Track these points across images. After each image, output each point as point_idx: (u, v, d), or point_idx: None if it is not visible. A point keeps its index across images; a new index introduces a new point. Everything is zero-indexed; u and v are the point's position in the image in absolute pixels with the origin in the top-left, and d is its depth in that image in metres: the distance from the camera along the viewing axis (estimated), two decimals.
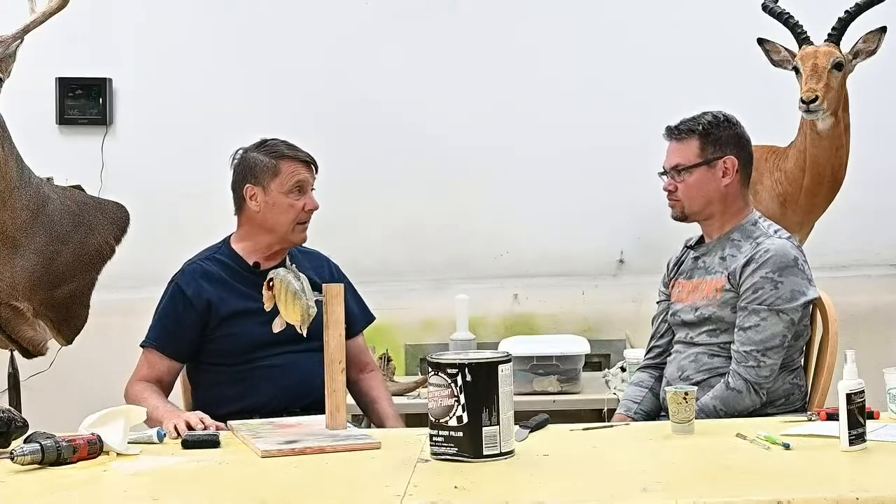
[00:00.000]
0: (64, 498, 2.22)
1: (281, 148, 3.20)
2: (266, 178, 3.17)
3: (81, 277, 3.62)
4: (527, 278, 4.85)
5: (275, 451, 2.51)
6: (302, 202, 3.17)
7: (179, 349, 3.16)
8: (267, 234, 3.20)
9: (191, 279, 3.18)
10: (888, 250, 4.87)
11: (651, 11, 4.84)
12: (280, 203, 3.16)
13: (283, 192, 3.16)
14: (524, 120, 4.84)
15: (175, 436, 2.72)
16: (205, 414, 2.84)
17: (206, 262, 3.22)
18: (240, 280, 3.17)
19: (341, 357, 2.75)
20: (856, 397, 2.36)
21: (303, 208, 3.17)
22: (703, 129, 3.15)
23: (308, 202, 3.18)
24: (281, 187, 3.16)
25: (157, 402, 3.00)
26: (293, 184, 3.16)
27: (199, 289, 3.16)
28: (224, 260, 3.22)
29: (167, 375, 3.16)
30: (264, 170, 3.17)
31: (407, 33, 4.87)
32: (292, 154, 3.18)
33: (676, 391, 2.63)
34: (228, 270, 3.19)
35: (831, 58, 3.86)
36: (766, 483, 2.14)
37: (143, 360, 3.18)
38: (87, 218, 3.66)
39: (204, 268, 3.20)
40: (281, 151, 3.19)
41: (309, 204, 3.18)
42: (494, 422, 2.35)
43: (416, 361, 4.69)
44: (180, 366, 3.20)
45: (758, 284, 3.02)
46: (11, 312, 3.56)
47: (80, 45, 4.80)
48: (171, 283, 3.22)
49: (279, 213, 3.17)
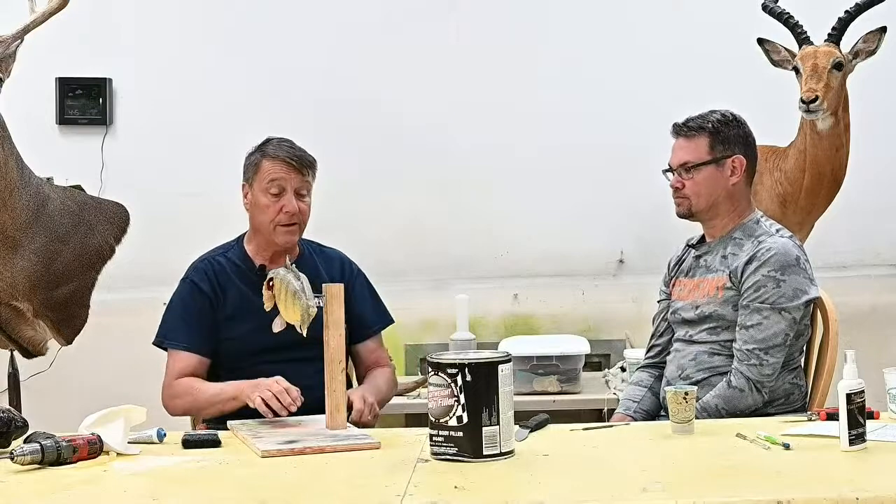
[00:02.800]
0: (64, 498, 2.22)
1: (270, 147, 3.17)
2: (251, 176, 3.17)
3: (81, 277, 3.61)
4: (527, 278, 4.85)
5: (274, 451, 2.51)
6: (279, 203, 3.11)
7: (206, 345, 3.12)
8: (260, 235, 3.19)
9: (203, 275, 3.18)
10: (888, 250, 4.87)
11: (651, 12, 4.84)
12: (259, 202, 3.14)
13: (261, 191, 3.14)
14: (524, 120, 4.84)
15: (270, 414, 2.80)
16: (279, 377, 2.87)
17: (216, 260, 3.21)
18: (245, 281, 3.16)
19: (341, 357, 2.75)
20: (856, 397, 2.36)
21: (280, 209, 3.11)
22: (712, 127, 3.16)
23: (286, 204, 3.11)
24: (260, 185, 3.14)
25: (213, 386, 3.02)
26: (268, 181, 3.12)
27: (211, 284, 3.16)
28: (234, 259, 3.21)
29: (200, 374, 3.11)
30: (250, 168, 3.18)
31: (407, 33, 4.87)
32: (275, 154, 3.14)
33: (676, 391, 2.63)
34: (236, 270, 3.18)
35: (831, 58, 3.86)
36: (766, 483, 2.14)
37: (173, 361, 3.13)
38: (87, 218, 3.66)
39: (214, 265, 3.20)
40: (267, 150, 3.16)
41: (287, 206, 3.10)
42: (494, 422, 2.35)
43: (416, 361, 4.70)
44: (208, 363, 3.14)
45: (760, 283, 3.02)
46: (11, 312, 3.56)
47: (80, 45, 4.80)
48: (185, 281, 3.20)
49: (260, 212, 3.15)
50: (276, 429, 2.75)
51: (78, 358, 4.17)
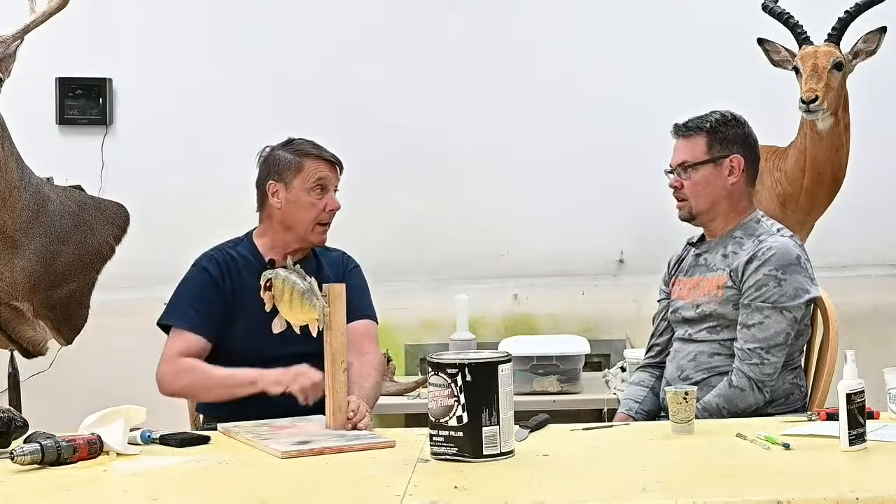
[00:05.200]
0: (64, 498, 2.21)
1: (306, 147, 3.21)
2: (289, 174, 3.17)
3: (81, 277, 3.62)
4: (527, 278, 4.85)
5: (294, 452, 2.48)
6: (324, 202, 3.16)
7: (211, 329, 3.11)
8: (286, 232, 3.19)
9: (214, 262, 3.18)
10: (888, 250, 4.87)
11: (651, 11, 4.84)
12: (301, 200, 3.16)
13: (304, 190, 3.16)
14: (524, 120, 4.84)
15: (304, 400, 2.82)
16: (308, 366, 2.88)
17: (227, 252, 3.21)
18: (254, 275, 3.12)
19: (343, 357, 2.75)
20: (856, 397, 2.36)
21: (324, 208, 3.16)
22: (710, 127, 3.16)
23: (329, 202, 3.17)
24: (303, 184, 3.16)
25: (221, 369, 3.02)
26: (315, 181, 3.16)
27: (221, 272, 3.16)
28: (244, 252, 3.21)
29: (202, 355, 3.10)
30: (288, 166, 3.18)
31: (407, 33, 4.87)
32: (317, 153, 3.19)
33: (676, 391, 2.63)
34: (246, 263, 3.18)
35: (831, 58, 3.86)
36: (766, 483, 2.14)
37: (174, 340, 3.11)
38: (87, 218, 3.66)
39: (225, 255, 3.20)
40: (306, 150, 3.20)
41: (330, 204, 3.17)
42: (494, 422, 2.35)
43: (416, 361, 4.70)
44: (210, 347, 3.13)
45: (761, 282, 3.02)
46: (11, 312, 3.56)
47: (80, 45, 4.80)
48: (195, 267, 3.20)
49: (299, 210, 3.17)
50: (276, 430, 2.73)
51: (78, 358, 4.17)
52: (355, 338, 3.17)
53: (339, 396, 2.74)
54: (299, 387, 2.86)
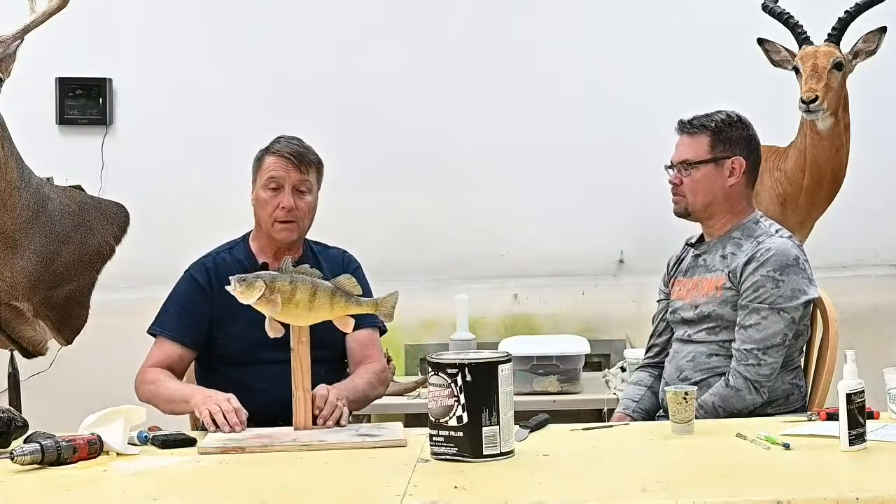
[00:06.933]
0: (64, 498, 2.22)
1: (275, 144, 3.19)
2: (256, 172, 3.20)
3: (81, 277, 3.61)
4: (527, 278, 4.85)
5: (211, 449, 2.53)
6: (277, 200, 3.13)
7: (193, 337, 3.14)
8: (262, 231, 3.20)
9: (203, 270, 3.19)
10: (888, 250, 4.87)
11: (651, 12, 4.84)
12: (259, 198, 3.17)
13: (262, 187, 3.16)
14: (524, 120, 4.84)
15: (213, 427, 2.74)
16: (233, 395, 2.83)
17: (220, 257, 3.22)
18: None
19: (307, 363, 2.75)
20: (856, 397, 2.36)
21: (277, 205, 3.13)
22: (715, 127, 3.16)
23: (283, 200, 3.12)
24: (261, 181, 3.17)
25: (176, 384, 3.02)
26: (267, 178, 3.14)
27: (209, 279, 3.16)
28: (238, 256, 3.21)
29: (179, 364, 3.13)
30: (256, 164, 3.21)
31: (407, 33, 4.87)
32: (276, 149, 3.17)
33: (676, 391, 2.63)
34: (239, 267, 3.17)
35: (831, 58, 3.86)
36: (766, 483, 2.14)
37: (155, 348, 3.15)
38: (87, 218, 3.66)
39: (216, 261, 3.20)
40: (271, 147, 3.19)
41: (283, 202, 3.12)
42: (494, 422, 2.35)
43: (416, 361, 4.70)
44: (192, 355, 3.16)
45: (759, 283, 3.02)
46: (11, 312, 3.56)
47: (80, 45, 4.80)
48: (184, 273, 3.22)
49: (260, 208, 3.17)
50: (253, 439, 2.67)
51: (78, 358, 4.17)
52: (359, 348, 3.18)
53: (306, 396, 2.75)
54: (206, 411, 2.79)
